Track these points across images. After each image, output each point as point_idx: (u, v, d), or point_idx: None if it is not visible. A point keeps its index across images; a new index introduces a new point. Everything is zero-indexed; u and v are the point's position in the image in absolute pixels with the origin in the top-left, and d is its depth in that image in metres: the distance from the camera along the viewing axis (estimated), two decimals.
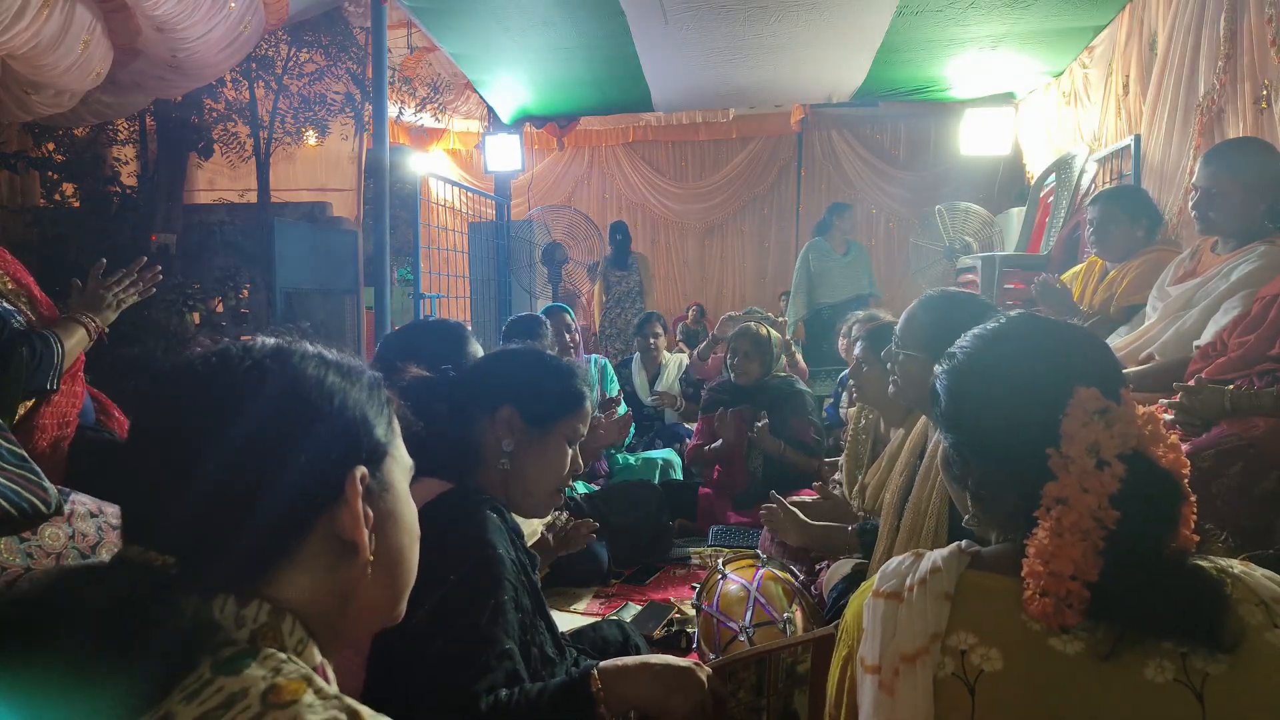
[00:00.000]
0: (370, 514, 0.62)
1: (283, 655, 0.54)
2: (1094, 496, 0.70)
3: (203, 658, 0.52)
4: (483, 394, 1.33)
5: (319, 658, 0.59)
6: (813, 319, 4.94)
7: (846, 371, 3.51)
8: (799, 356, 4.06)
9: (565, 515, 1.98)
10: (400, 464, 0.68)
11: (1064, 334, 0.83)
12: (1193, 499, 0.73)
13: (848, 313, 4.44)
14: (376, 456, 0.64)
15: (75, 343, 1.87)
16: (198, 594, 0.54)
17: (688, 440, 3.95)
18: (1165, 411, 1.77)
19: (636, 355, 4.20)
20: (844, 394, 3.58)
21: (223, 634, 0.54)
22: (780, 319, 4.36)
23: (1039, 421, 0.75)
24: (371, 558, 0.62)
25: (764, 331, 3.27)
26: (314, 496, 0.59)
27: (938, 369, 0.88)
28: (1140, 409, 0.75)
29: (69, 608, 0.52)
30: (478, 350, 1.90)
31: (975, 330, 0.87)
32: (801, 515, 2.02)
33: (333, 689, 0.54)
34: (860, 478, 2.19)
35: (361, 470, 0.61)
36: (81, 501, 1.54)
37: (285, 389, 0.60)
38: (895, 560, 0.80)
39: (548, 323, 3.16)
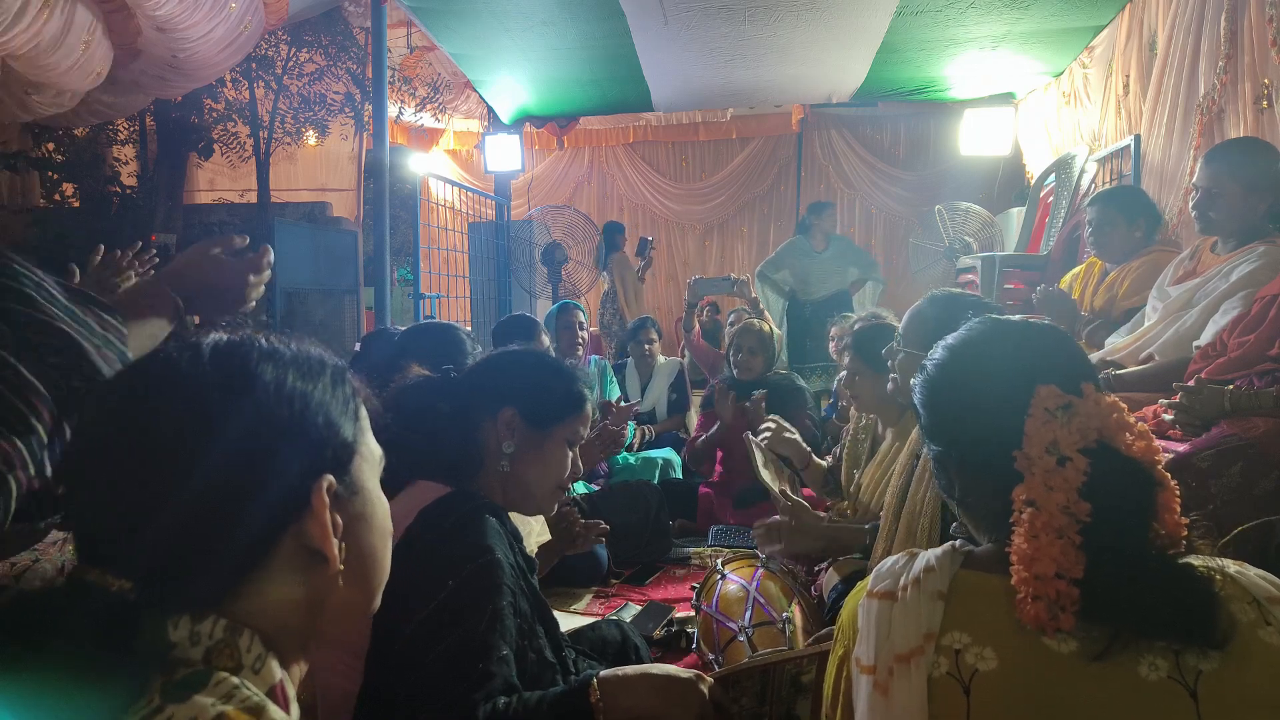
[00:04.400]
0: (339, 521, 0.59)
1: (235, 680, 0.52)
2: (1060, 494, 0.70)
3: (154, 678, 0.50)
4: (484, 395, 1.32)
5: (279, 674, 0.57)
6: (794, 317, 4.90)
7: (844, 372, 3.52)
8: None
9: (574, 511, 1.94)
10: (369, 461, 0.65)
11: (1024, 334, 0.84)
12: (1173, 485, 0.73)
13: (828, 310, 4.44)
14: (344, 459, 0.61)
15: None
16: (157, 613, 0.52)
17: (682, 435, 3.96)
18: (1165, 412, 1.77)
19: (630, 360, 4.18)
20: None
21: (176, 651, 0.52)
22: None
23: (1008, 425, 0.75)
24: (342, 566, 0.60)
25: (766, 328, 3.33)
26: (279, 511, 0.57)
27: (913, 382, 0.89)
28: (1108, 398, 0.75)
29: (27, 633, 0.50)
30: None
31: (944, 340, 0.87)
32: (811, 512, 1.98)
33: (287, 717, 0.53)
34: (857, 476, 2.19)
35: (328, 479, 0.58)
36: None
37: (242, 401, 0.56)
38: (889, 560, 0.80)
39: (541, 324, 3.13)
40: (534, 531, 1.90)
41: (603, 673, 1.09)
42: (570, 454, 1.38)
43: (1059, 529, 0.69)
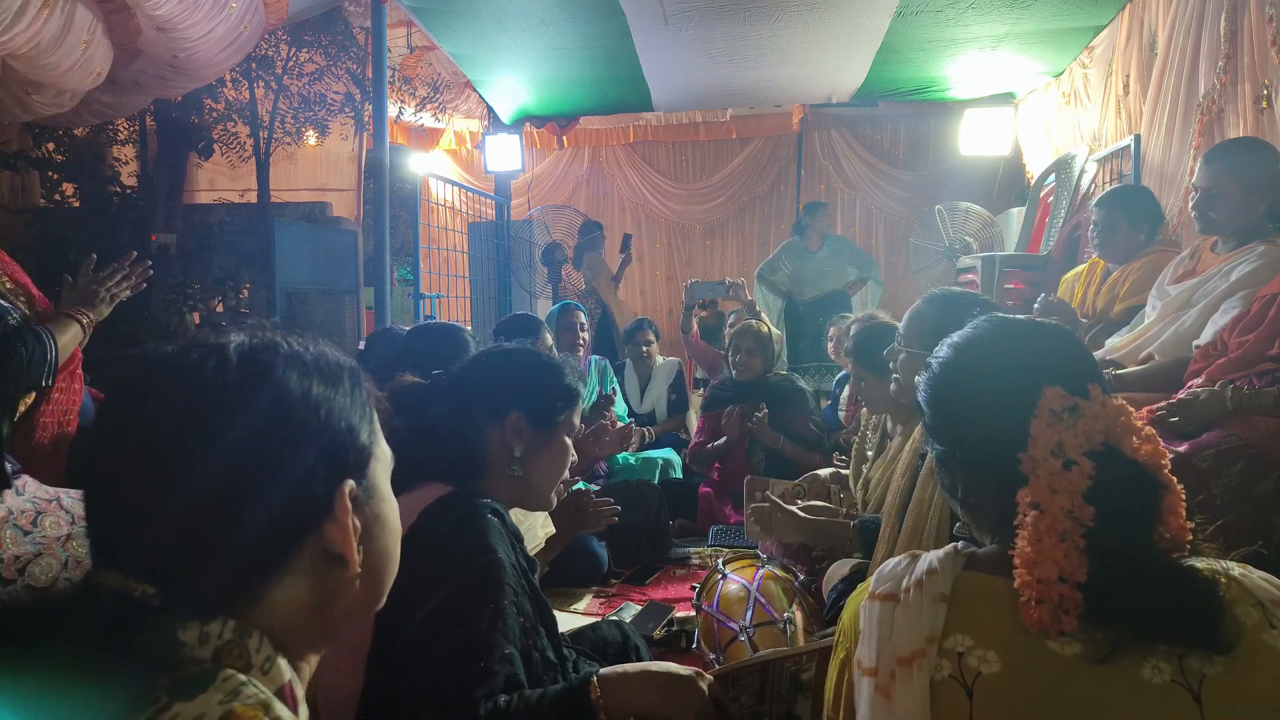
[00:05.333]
0: (358, 525, 0.60)
1: (242, 678, 0.52)
2: (1064, 497, 0.70)
3: (161, 677, 0.50)
4: (488, 400, 1.31)
5: (287, 675, 0.57)
6: (790, 317, 4.92)
7: (844, 373, 3.52)
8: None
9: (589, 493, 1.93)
10: (382, 462, 0.66)
11: (1031, 334, 0.83)
12: (1179, 489, 0.73)
13: (822, 311, 4.45)
14: (362, 462, 0.62)
15: (69, 339, 1.87)
16: (171, 616, 0.52)
17: (683, 436, 3.96)
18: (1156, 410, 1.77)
19: (628, 361, 4.17)
20: (841, 394, 3.58)
21: (185, 650, 0.52)
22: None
23: (1013, 426, 0.74)
24: (360, 570, 0.60)
25: (765, 329, 3.32)
26: (304, 516, 0.57)
27: (918, 380, 0.88)
28: (1114, 400, 0.75)
29: (34, 633, 0.50)
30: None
31: (950, 338, 0.87)
32: (797, 511, 1.98)
33: (294, 717, 0.53)
34: (865, 471, 2.20)
35: (350, 484, 0.59)
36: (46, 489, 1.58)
37: (269, 408, 0.56)
38: (891, 561, 0.80)
39: (544, 322, 3.13)
40: (538, 527, 1.90)
41: (603, 670, 1.09)
42: (570, 444, 1.38)
43: (1062, 532, 0.69)
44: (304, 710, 0.58)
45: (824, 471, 2.53)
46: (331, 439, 0.59)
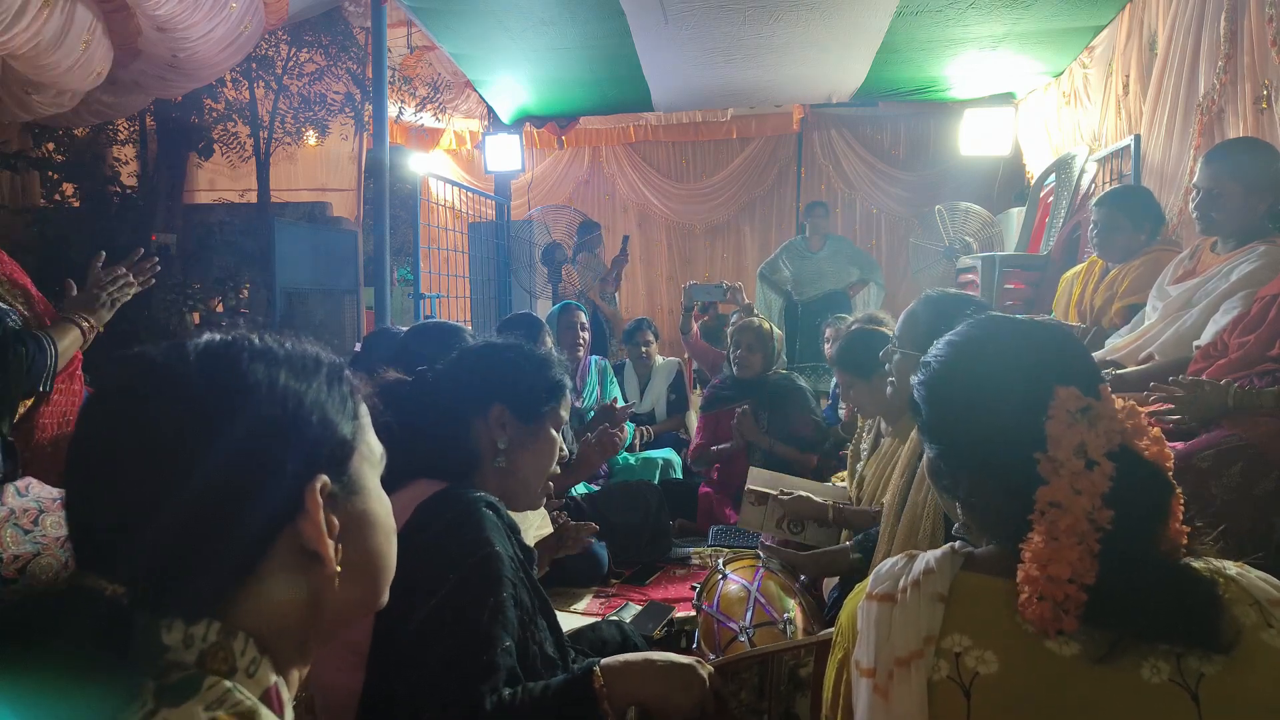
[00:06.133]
0: (335, 522, 0.59)
1: (228, 684, 0.52)
2: (1087, 498, 0.70)
3: (147, 681, 0.50)
4: (471, 394, 1.31)
5: (273, 678, 0.56)
6: (789, 317, 4.92)
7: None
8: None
9: (564, 515, 1.95)
10: (370, 459, 0.64)
11: (1037, 334, 0.82)
12: (1179, 492, 0.73)
13: (820, 311, 4.45)
14: (341, 457, 0.61)
15: (69, 343, 1.85)
16: (151, 617, 0.52)
17: (682, 435, 3.95)
18: (1158, 406, 1.77)
19: (628, 362, 4.17)
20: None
21: (170, 654, 0.52)
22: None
23: (1023, 425, 0.74)
24: (339, 569, 0.59)
25: (766, 326, 3.30)
26: (273, 514, 0.56)
27: (914, 379, 0.87)
28: (1119, 401, 0.75)
29: (26, 634, 0.50)
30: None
31: (947, 336, 0.86)
32: (794, 552, 2.01)
33: None
34: (860, 469, 2.20)
35: (322, 480, 0.58)
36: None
37: (230, 401, 0.55)
38: (889, 562, 0.80)
39: (544, 323, 3.12)
40: (534, 524, 1.90)
41: (605, 660, 1.10)
42: (557, 439, 1.38)
43: (1080, 534, 0.69)
44: (289, 714, 0.57)
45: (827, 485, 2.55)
46: (301, 432, 0.58)
